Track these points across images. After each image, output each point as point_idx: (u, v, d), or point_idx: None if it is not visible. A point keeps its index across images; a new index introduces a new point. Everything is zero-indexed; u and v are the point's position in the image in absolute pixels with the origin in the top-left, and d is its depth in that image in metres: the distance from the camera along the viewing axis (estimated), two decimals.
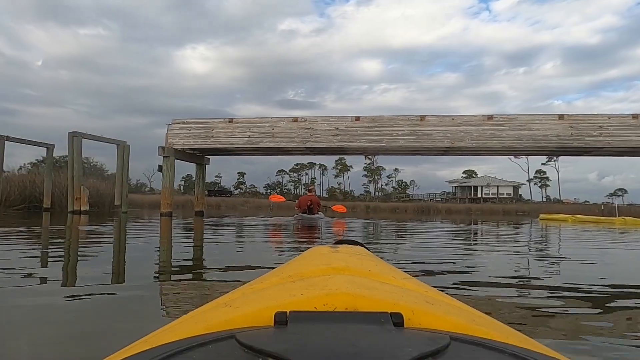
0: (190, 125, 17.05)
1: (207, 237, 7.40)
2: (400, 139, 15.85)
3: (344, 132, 16.13)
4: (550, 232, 11.16)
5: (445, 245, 6.60)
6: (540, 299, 2.69)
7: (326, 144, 16.24)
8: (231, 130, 16.80)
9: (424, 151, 17.46)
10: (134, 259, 4.39)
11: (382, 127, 15.99)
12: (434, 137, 15.70)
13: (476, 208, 57.02)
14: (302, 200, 14.32)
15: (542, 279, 3.56)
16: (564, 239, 9.12)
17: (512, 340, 0.49)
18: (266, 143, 16.55)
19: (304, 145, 16.38)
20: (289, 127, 16.48)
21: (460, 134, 15.58)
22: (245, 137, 16.66)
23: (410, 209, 55.64)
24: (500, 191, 72.14)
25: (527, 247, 6.78)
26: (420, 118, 15.87)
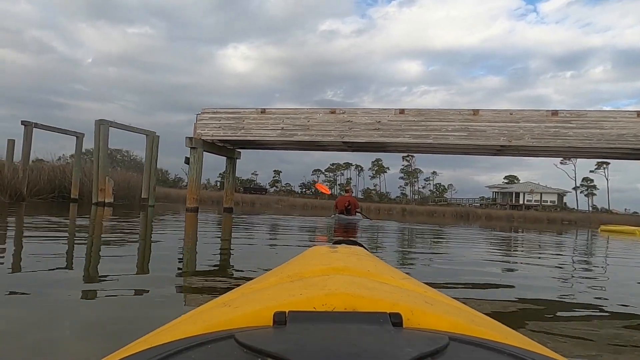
0: (220, 115, 15.70)
1: (234, 237, 6.71)
2: (449, 135, 13.98)
3: (386, 127, 14.40)
4: (622, 248, 9.07)
5: (493, 260, 5.27)
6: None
7: (366, 138, 14.54)
8: (263, 121, 15.34)
9: (476, 150, 15.50)
10: (143, 262, 3.69)
11: (429, 121, 14.17)
12: (488, 134, 13.77)
13: (518, 215, 54.74)
14: (340, 201, 13.76)
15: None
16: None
17: (511, 341, 0.48)
18: (300, 136, 15.00)
19: (341, 140, 14.74)
20: (325, 119, 14.88)
21: (519, 131, 13.59)
22: (278, 129, 15.17)
23: (448, 213, 53.93)
24: (544, 198, 68.62)
25: (613, 275, 4.69)
26: (473, 112, 13.96)
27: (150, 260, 3.88)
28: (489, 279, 3.59)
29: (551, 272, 4.32)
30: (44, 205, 14.26)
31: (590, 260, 6.27)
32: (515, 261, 5.38)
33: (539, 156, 16.94)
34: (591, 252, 7.98)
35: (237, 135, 15.52)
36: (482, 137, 13.79)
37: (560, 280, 3.84)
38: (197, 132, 15.69)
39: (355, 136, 14.60)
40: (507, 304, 2.53)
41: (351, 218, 13.17)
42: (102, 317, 1.85)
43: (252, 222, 11.44)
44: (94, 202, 16.47)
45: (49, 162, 22.17)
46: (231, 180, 18.38)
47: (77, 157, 19.53)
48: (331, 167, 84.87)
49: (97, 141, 16.68)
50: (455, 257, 5.28)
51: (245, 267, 3.56)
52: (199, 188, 15.69)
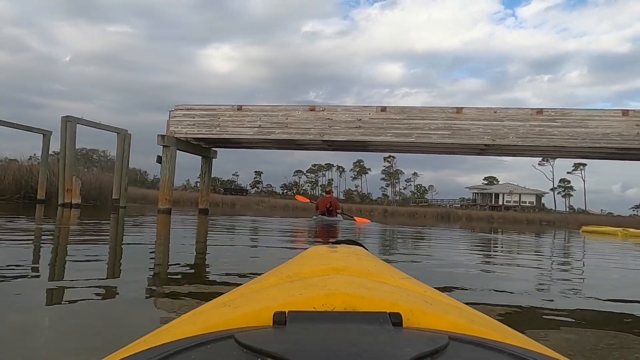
0: (194, 112, 14.93)
1: (208, 240, 6.26)
2: (432, 133, 13.47)
3: (368, 125, 13.82)
4: (608, 251, 8.58)
5: (478, 263, 4.93)
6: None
7: (346, 137, 13.94)
8: (240, 119, 14.62)
9: (460, 149, 15.03)
10: (106, 269, 3.17)
11: (411, 119, 13.64)
12: (472, 133, 13.30)
13: (498, 216, 55.16)
14: (321, 202, 13.43)
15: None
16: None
17: (511, 340, 0.48)
18: (278, 134, 14.33)
19: (321, 138, 14.11)
20: (304, 117, 14.24)
21: (503, 129, 13.15)
22: (256, 127, 14.47)
23: (429, 214, 54.17)
24: (523, 199, 69.24)
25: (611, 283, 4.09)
26: (456, 110, 13.48)
27: (115, 267, 3.37)
28: (482, 281, 3.44)
29: (547, 274, 4.22)
30: (8, 206, 13.39)
31: (584, 262, 5.94)
32: (506, 263, 5.18)
33: (523, 155, 16.57)
34: (580, 253, 7.50)
35: (212, 133, 14.76)
36: (465, 136, 13.31)
37: (556, 281, 3.71)
38: (170, 129, 14.89)
39: (335, 134, 13.99)
40: (510, 307, 2.41)
41: (333, 219, 12.93)
42: (68, 328, 1.71)
43: (229, 223, 10.87)
44: (60, 203, 15.52)
45: (20, 161, 21.13)
46: (206, 181, 17.58)
47: (44, 155, 18.51)
48: (312, 168, 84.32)
49: (63, 139, 15.73)
50: (444, 260, 4.97)
51: (218, 272, 3.26)
52: (172, 188, 14.89)
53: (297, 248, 5.16)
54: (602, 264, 5.71)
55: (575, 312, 2.39)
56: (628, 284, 3.95)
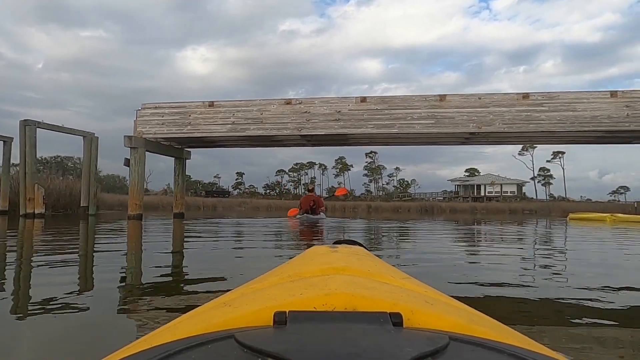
0: (163, 111, 13.95)
1: (181, 244, 5.84)
2: (415, 123, 12.74)
3: (347, 117, 13.03)
4: (602, 237, 8.02)
5: (473, 260, 4.47)
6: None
7: (325, 130, 13.13)
8: (211, 115, 13.69)
9: (444, 139, 14.33)
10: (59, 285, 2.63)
11: (393, 109, 12.89)
12: (456, 121, 12.61)
13: (481, 207, 55.30)
14: (304, 201, 13.33)
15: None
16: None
17: (511, 340, 0.48)
18: (253, 130, 13.44)
19: (298, 133, 13.27)
20: (280, 111, 13.38)
21: (488, 116, 12.49)
22: (229, 124, 13.56)
23: (413, 208, 54.03)
24: (504, 189, 69.42)
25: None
26: (439, 98, 12.77)
27: (68, 281, 2.87)
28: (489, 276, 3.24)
29: (551, 265, 4.02)
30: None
31: (586, 250, 5.59)
32: (502, 253, 4.94)
33: (510, 143, 15.97)
34: (578, 242, 6.99)
35: (183, 132, 13.80)
36: (450, 125, 12.62)
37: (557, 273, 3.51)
38: (138, 130, 13.88)
39: (313, 128, 13.17)
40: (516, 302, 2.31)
41: (317, 217, 12.73)
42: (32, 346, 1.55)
43: (207, 227, 10.16)
44: (22, 213, 14.38)
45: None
46: (180, 183, 16.57)
47: (6, 163, 17.28)
48: (295, 167, 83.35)
49: (22, 145, 14.57)
50: (442, 255, 4.67)
51: (191, 281, 2.95)
52: (142, 193, 13.89)
53: (282, 255, 4.46)
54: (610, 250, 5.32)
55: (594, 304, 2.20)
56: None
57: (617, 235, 8.57)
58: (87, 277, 3.16)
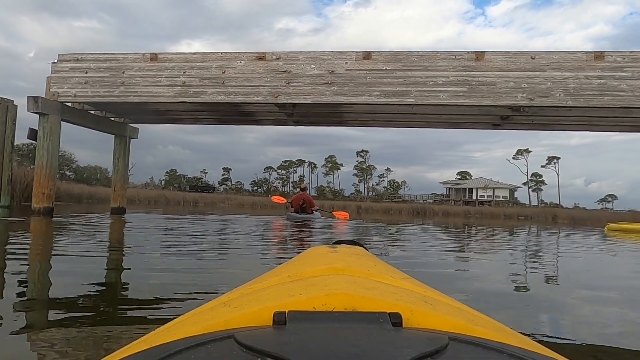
0: (87, 65, 9.69)
1: (105, 251, 4.33)
2: (440, 91, 8.68)
3: (344, 79, 8.93)
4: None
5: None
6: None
7: (312, 98, 9.00)
8: (154, 73, 9.49)
9: (479, 116, 10.21)
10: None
11: (409, 70, 8.82)
12: (498, 89, 8.57)
13: (475, 211, 52.34)
14: (295, 199, 12.94)
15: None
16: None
17: (511, 341, 0.47)
18: (211, 95, 9.27)
19: (274, 100, 9.13)
20: (250, 68, 9.23)
21: (545, 83, 8.47)
22: (178, 85, 9.37)
23: (404, 210, 50.93)
24: (496, 194, 66.02)
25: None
26: (476, 56, 8.72)
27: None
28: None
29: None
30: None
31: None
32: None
33: (569, 128, 11.51)
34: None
35: (114, 95, 9.57)
36: (489, 94, 8.58)
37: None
38: (52, 90, 9.64)
39: (296, 95, 9.04)
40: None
41: (306, 216, 12.13)
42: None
43: (167, 225, 8.42)
44: None
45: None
46: (121, 169, 12.23)
47: None
48: (283, 165, 79.14)
49: None
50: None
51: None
52: (54, 177, 9.66)
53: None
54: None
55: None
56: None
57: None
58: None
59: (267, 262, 4.20)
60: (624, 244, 9.72)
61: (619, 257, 7.10)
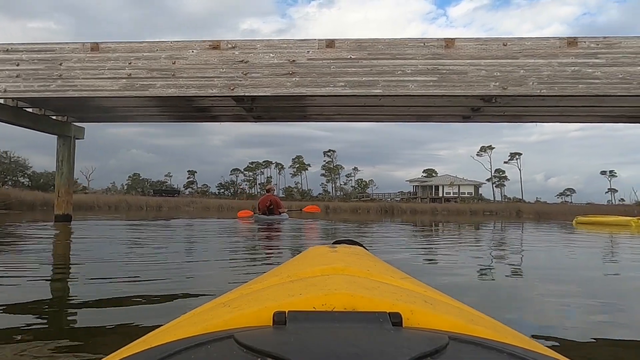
0: (19, 56, 8.61)
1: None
2: (409, 81, 8.07)
3: (306, 69, 8.20)
4: None
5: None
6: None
7: (272, 90, 8.23)
8: (96, 64, 8.49)
9: (450, 107, 9.70)
10: None
11: (376, 59, 8.17)
12: (470, 78, 8.04)
13: (441, 208, 52.95)
14: (262, 201, 12.67)
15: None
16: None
17: (511, 340, 0.47)
18: (161, 89, 8.35)
19: (231, 93, 8.31)
20: (204, 58, 8.37)
21: (518, 71, 7.99)
22: (123, 78, 8.41)
23: (372, 209, 51.18)
24: (462, 190, 66.96)
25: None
26: (445, 43, 8.15)
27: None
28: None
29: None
30: None
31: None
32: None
33: (539, 119, 11.14)
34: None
35: (50, 90, 8.50)
36: (461, 84, 8.03)
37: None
38: None
39: (254, 87, 8.24)
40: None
41: (273, 218, 11.87)
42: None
43: (116, 234, 7.79)
44: None
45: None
46: (65, 172, 11.09)
47: None
48: (250, 166, 77.79)
49: None
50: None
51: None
52: None
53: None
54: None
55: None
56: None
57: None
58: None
59: (237, 277, 3.43)
60: (601, 237, 9.46)
61: (603, 250, 6.68)
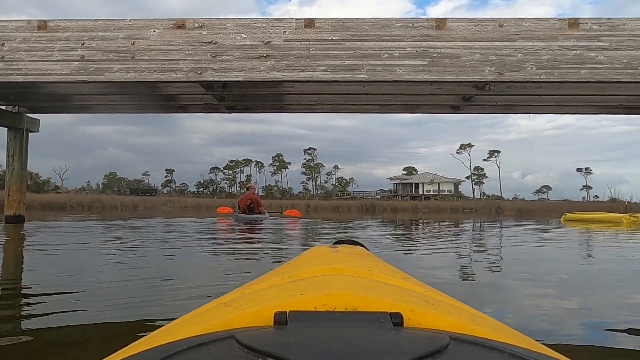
0: None
1: None
2: (397, 65, 7.24)
3: (282, 52, 7.29)
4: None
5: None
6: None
7: (244, 75, 7.29)
8: (44, 45, 7.41)
9: (440, 96, 8.89)
10: None
11: (360, 40, 7.32)
12: (463, 62, 7.25)
13: (422, 205, 52.80)
14: (242, 200, 12.68)
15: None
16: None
17: (512, 340, 0.47)
18: (118, 73, 7.33)
19: (197, 78, 7.34)
20: (167, 39, 7.38)
21: (515, 55, 7.24)
22: (75, 60, 7.36)
23: (353, 207, 50.83)
24: (442, 188, 66.89)
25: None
26: (436, 24, 7.35)
27: None
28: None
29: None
30: None
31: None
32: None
33: (534, 109, 10.35)
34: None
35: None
36: (453, 68, 7.23)
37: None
38: None
39: (224, 71, 7.28)
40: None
41: (253, 217, 11.87)
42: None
43: (74, 238, 6.74)
44: None
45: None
46: (17, 168, 9.93)
47: None
48: (230, 165, 76.32)
49: None
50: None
51: None
52: None
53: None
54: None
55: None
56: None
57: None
58: None
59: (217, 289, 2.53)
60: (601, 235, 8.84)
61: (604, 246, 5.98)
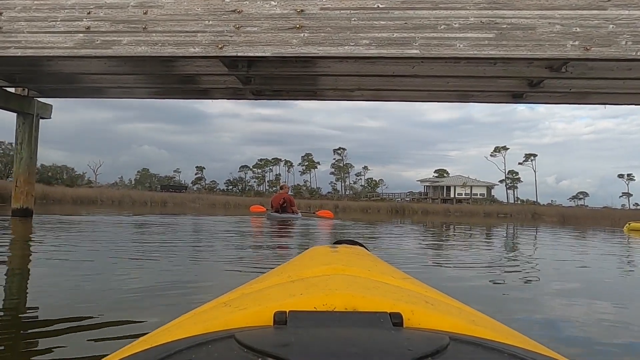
0: None
1: None
2: (456, 38, 5.89)
3: (319, 22, 6.05)
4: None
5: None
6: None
7: (272, 49, 6.08)
8: (46, 15, 6.41)
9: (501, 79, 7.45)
10: None
11: (412, 8, 6.01)
12: (539, 35, 5.85)
13: (454, 209, 50.90)
14: (275, 199, 12.64)
15: None
16: None
17: (512, 341, 0.46)
18: (128, 46, 6.24)
19: (219, 53, 6.17)
20: (183, 8, 6.24)
21: (607, 26, 5.77)
22: (80, 32, 6.33)
23: (383, 209, 49.24)
24: (474, 191, 64.43)
25: None
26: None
27: None
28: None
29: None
30: None
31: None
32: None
33: (613, 98, 8.52)
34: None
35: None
36: (526, 43, 5.83)
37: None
38: None
39: (250, 45, 6.10)
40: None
41: (286, 216, 11.94)
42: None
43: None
44: None
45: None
46: (25, 157, 9.01)
47: None
48: (259, 163, 75.89)
49: None
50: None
51: None
52: None
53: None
54: None
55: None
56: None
57: None
58: None
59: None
60: None
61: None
